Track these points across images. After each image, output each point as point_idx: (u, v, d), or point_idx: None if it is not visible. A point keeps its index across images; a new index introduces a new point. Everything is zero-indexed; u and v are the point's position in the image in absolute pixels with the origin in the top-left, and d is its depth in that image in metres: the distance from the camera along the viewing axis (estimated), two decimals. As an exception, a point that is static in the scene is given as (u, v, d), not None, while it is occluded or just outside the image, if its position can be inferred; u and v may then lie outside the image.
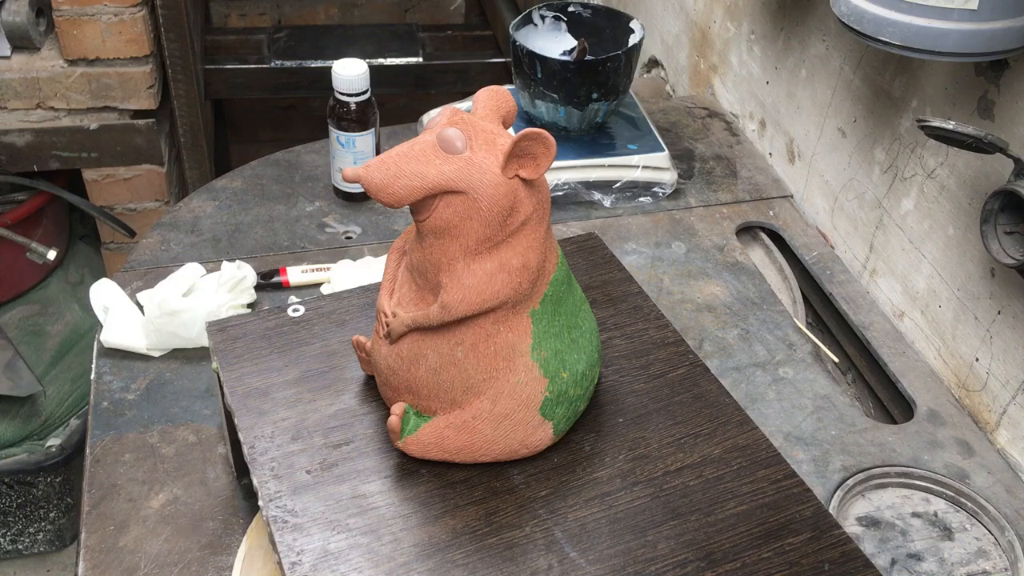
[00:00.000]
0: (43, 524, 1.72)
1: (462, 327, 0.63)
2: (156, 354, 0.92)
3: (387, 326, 0.66)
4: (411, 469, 0.66)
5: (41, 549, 1.75)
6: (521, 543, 0.61)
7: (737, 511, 0.63)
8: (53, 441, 1.66)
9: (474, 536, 0.61)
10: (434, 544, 0.61)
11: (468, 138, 0.61)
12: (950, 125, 0.76)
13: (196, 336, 0.91)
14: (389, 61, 1.93)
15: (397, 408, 0.65)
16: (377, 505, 0.63)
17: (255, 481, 0.64)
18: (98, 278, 0.99)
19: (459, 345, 0.63)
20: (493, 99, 0.64)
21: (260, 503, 0.63)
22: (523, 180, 0.61)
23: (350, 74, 1.06)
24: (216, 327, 0.75)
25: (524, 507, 0.63)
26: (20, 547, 1.73)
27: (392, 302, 0.66)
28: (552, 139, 0.59)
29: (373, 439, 0.67)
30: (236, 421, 0.68)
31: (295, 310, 0.77)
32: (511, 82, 1.19)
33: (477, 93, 0.65)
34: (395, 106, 2.13)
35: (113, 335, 0.91)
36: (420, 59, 1.94)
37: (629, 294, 0.80)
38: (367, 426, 0.68)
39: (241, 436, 0.67)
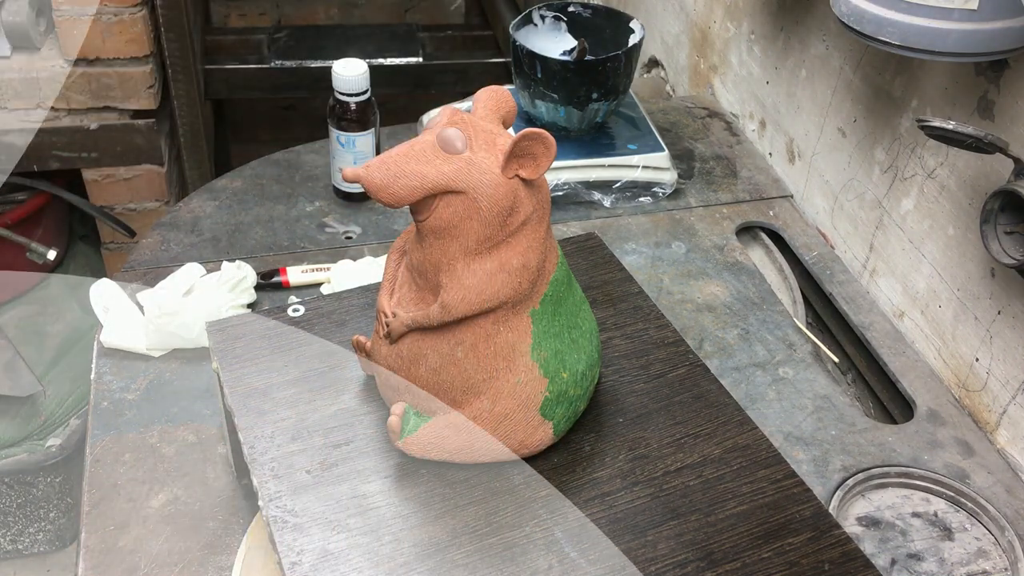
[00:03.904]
0: (43, 524, 1.72)
1: (462, 327, 0.63)
2: (156, 354, 0.92)
3: (387, 326, 0.66)
4: (411, 469, 0.66)
5: (41, 549, 1.75)
6: (521, 543, 0.61)
7: (737, 511, 0.63)
8: (53, 441, 1.66)
9: (474, 536, 0.61)
10: (434, 544, 0.61)
11: (468, 138, 0.61)
12: (950, 125, 0.76)
13: (196, 336, 0.90)
14: (389, 61, 1.93)
15: (397, 408, 0.65)
16: (377, 505, 0.63)
17: (255, 481, 0.64)
18: (98, 278, 0.99)
19: (459, 345, 0.63)
20: (493, 99, 0.64)
21: (260, 503, 0.63)
22: (523, 180, 0.61)
23: (350, 74, 1.06)
24: (216, 327, 0.75)
25: (524, 507, 0.63)
26: (20, 547, 1.73)
27: (392, 302, 0.66)
28: (552, 139, 0.59)
29: (373, 439, 0.67)
30: (236, 421, 0.68)
31: (295, 310, 0.77)
32: (511, 82, 1.19)
33: (477, 93, 0.65)
34: (395, 106, 2.13)
35: (113, 335, 0.91)
36: (420, 59, 1.94)
37: (629, 294, 0.80)
38: (367, 426, 0.68)
39: (241, 436, 0.67)
